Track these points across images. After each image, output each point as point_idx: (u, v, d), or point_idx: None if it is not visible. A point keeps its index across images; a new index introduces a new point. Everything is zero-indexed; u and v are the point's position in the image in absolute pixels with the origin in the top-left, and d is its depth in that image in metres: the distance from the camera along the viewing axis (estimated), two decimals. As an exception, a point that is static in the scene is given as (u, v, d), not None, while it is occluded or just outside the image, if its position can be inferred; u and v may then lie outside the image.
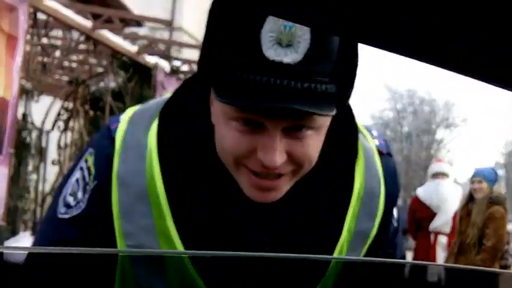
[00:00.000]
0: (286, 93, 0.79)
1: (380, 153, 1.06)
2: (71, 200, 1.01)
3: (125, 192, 0.95)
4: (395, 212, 1.12)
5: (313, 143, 0.88)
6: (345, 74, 0.86)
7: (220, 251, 0.94)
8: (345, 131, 0.99)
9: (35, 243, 1.07)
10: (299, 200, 0.96)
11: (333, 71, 0.83)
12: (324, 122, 0.88)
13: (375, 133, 1.09)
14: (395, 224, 1.13)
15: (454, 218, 5.65)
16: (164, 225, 0.94)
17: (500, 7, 0.20)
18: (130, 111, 1.03)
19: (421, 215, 5.87)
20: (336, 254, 1.01)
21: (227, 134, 0.87)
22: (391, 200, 1.07)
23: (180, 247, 0.94)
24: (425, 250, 5.90)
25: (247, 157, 0.87)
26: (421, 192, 6.03)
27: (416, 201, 6.00)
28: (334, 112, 0.84)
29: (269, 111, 0.82)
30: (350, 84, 0.88)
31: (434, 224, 5.76)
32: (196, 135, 0.95)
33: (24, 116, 5.00)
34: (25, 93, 4.84)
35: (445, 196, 5.71)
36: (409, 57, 0.26)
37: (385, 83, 50.52)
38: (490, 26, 0.21)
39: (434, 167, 6.26)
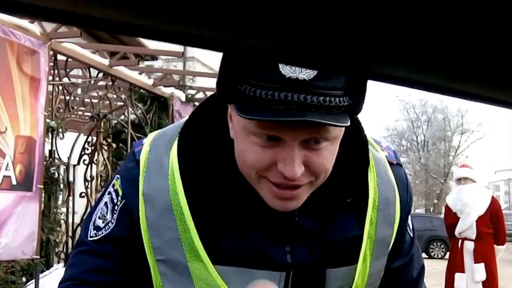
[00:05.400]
0: (303, 107, 0.83)
1: (390, 163, 1.09)
2: (100, 222, 1.06)
3: (151, 209, 0.99)
4: (410, 221, 1.15)
5: (328, 154, 0.91)
6: (357, 86, 0.90)
7: (243, 262, 0.98)
8: (355, 142, 1.02)
9: (67, 269, 1.10)
10: (317, 211, 1.00)
11: (346, 84, 0.87)
12: (339, 133, 0.92)
13: (383, 145, 1.13)
14: (411, 234, 1.16)
15: (478, 222, 5.62)
16: (189, 238, 0.98)
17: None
18: (152, 135, 1.08)
19: (449, 221, 5.88)
20: (360, 263, 1.03)
21: (248, 148, 0.90)
22: (405, 209, 1.10)
23: (205, 259, 0.98)
24: (454, 257, 5.88)
25: (267, 170, 0.90)
26: (449, 198, 6.05)
27: (446, 207, 6.02)
28: (348, 123, 0.87)
29: (287, 124, 0.85)
30: (362, 95, 0.91)
31: (458, 229, 5.73)
32: (215, 151, 0.98)
33: (51, 152, 5.10)
34: (50, 131, 4.97)
35: (466, 200, 5.66)
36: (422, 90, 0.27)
37: (396, 94, 50.32)
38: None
39: (456, 173, 6.27)
